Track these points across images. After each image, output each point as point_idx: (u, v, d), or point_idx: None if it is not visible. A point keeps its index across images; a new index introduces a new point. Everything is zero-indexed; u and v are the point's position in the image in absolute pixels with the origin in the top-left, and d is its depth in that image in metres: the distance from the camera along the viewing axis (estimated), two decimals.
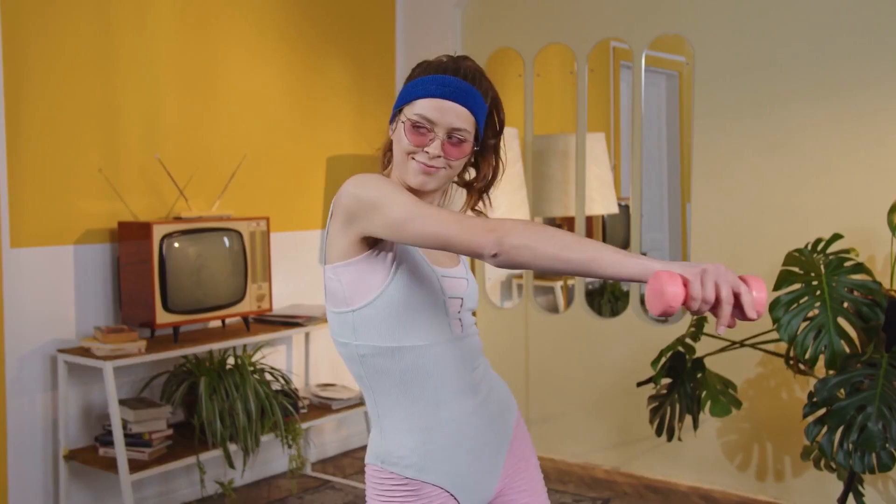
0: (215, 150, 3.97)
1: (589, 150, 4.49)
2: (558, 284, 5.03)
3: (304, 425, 3.92)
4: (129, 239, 3.53)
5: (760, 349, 3.51)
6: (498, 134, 1.74)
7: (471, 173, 1.77)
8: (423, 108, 1.60)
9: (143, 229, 3.46)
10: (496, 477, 1.75)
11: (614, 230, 5.13)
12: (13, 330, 3.35)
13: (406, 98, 1.64)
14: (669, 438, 3.46)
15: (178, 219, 3.67)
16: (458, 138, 1.61)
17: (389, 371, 1.64)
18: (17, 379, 3.37)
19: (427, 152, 1.61)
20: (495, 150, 1.73)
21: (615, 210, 4.78)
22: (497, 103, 1.71)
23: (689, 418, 3.70)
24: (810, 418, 3.20)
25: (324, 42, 4.44)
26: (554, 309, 4.86)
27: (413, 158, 1.62)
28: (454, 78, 1.62)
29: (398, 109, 1.66)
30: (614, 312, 4.58)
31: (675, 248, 5.49)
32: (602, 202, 4.64)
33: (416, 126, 1.61)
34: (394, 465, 1.67)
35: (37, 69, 3.40)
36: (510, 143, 4.12)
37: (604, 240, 5.09)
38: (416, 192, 1.64)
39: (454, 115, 1.60)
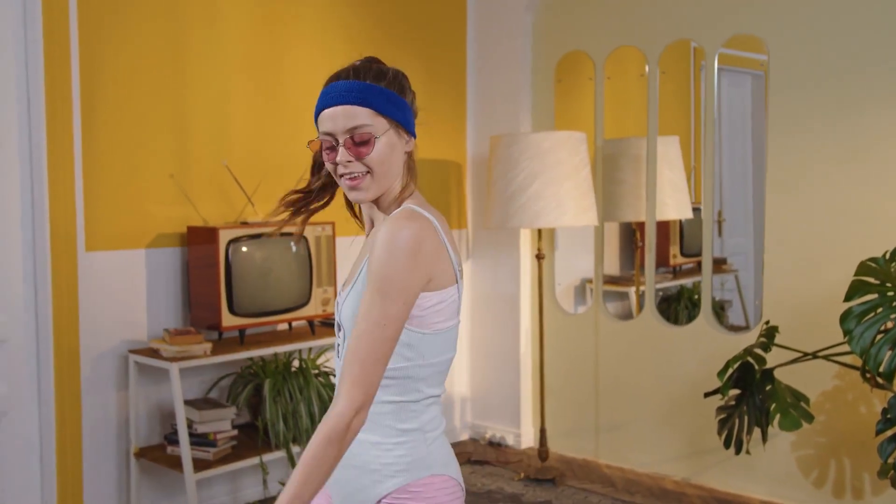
0: (282, 156, 4.03)
1: (662, 154, 4.40)
2: (632, 289, 4.94)
3: None
4: (198, 243, 3.62)
5: (834, 361, 3.37)
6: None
7: None
8: (320, 125, 1.59)
9: (210, 234, 3.54)
10: None
11: (692, 235, 5.00)
12: (88, 331, 3.48)
13: (315, 123, 1.62)
14: (738, 451, 3.36)
15: (244, 224, 3.75)
16: (358, 136, 1.55)
17: None
18: (91, 378, 3.50)
19: (341, 164, 1.57)
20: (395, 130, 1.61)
21: (689, 215, 4.66)
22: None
23: (758, 431, 3.58)
24: (885, 435, 3.06)
25: (394, 47, 4.46)
26: (626, 315, 4.77)
27: (340, 177, 1.60)
28: (335, 83, 1.58)
29: None
30: (690, 318, 4.47)
31: (758, 254, 5.32)
32: (675, 207, 4.54)
33: (323, 145, 1.60)
34: None
35: (110, 79, 3.52)
36: (577, 147, 4.06)
37: (681, 246, 4.98)
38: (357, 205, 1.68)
39: (343, 116, 1.56)
